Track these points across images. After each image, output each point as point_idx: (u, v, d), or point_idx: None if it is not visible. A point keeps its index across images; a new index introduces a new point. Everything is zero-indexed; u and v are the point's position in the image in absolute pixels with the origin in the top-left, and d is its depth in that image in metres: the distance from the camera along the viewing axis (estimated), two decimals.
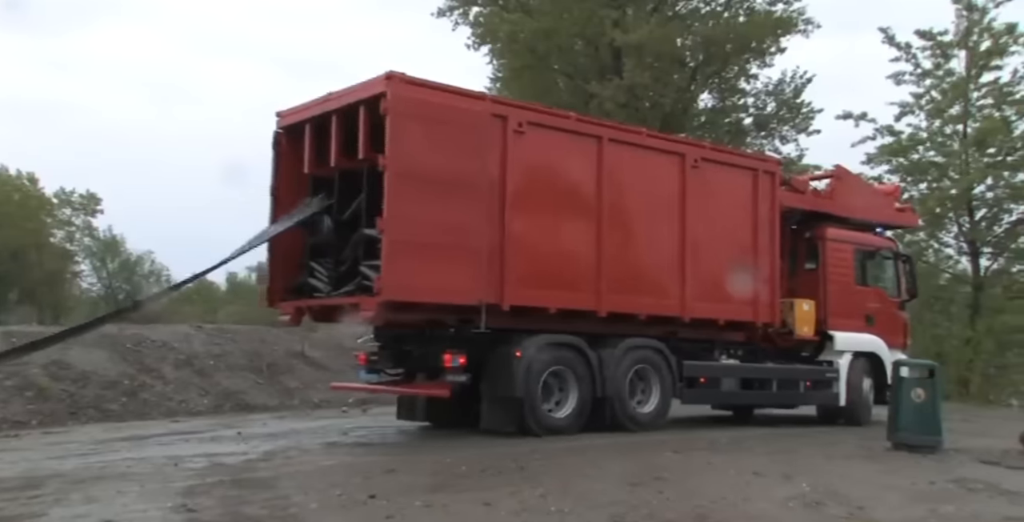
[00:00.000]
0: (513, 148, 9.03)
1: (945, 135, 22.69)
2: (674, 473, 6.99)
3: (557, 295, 9.34)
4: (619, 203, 9.89)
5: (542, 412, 9.22)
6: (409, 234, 8.25)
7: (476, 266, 8.64)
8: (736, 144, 26.61)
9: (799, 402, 12.22)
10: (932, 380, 9.13)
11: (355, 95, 8.78)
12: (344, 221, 9.15)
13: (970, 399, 19.78)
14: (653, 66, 26.19)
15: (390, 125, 8.22)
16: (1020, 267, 22.56)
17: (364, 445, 8.91)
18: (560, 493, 5.99)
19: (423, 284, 8.31)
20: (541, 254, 9.23)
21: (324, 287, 9.25)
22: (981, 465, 8.07)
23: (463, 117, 8.76)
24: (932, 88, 22.57)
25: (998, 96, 21.80)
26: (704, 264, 10.60)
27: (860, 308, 12.51)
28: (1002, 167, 21.63)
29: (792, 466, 7.55)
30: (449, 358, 8.84)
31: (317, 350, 17.14)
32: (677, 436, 9.58)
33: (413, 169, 8.32)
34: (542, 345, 9.23)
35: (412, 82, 8.56)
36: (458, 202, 8.61)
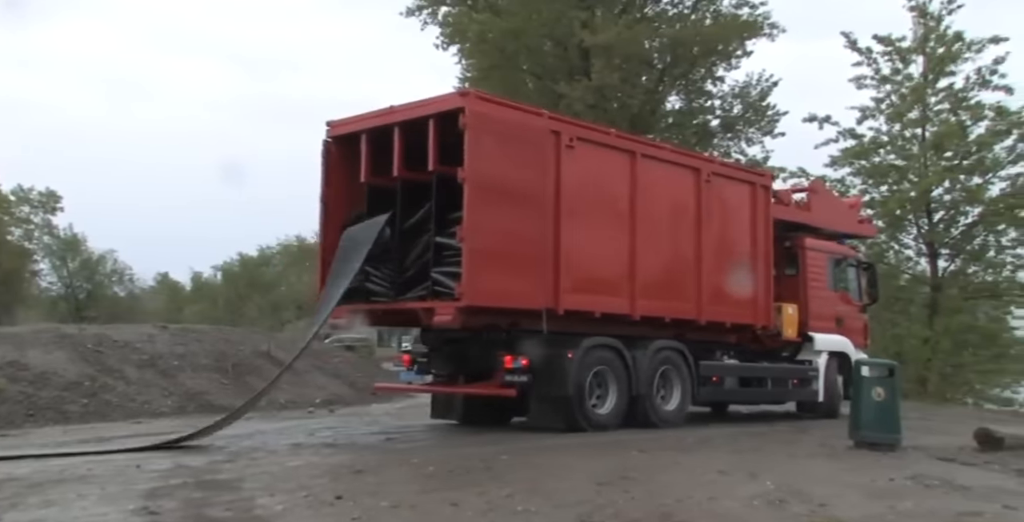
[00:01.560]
0: (565, 162, 9.64)
1: (905, 139, 23.16)
2: (641, 472, 7.03)
3: (601, 300, 10.03)
4: (649, 214, 10.58)
5: (589, 409, 9.81)
6: (486, 243, 8.82)
7: (540, 273, 9.33)
8: (703, 146, 26.88)
9: (787, 398, 13.24)
10: (892, 379, 9.29)
11: (424, 110, 9.31)
12: (406, 229, 9.60)
13: (928, 397, 20.18)
14: (621, 67, 26.32)
15: (469, 139, 8.73)
16: (976, 268, 23.01)
17: (331, 446, 8.84)
18: (527, 493, 5.99)
19: (498, 290, 8.93)
20: (588, 262, 9.87)
21: (385, 292, 9.65)
22: (938, 462, 8.23)
23: (527, 132, 9.38)
24: (892, 93, 23.08)
25: (954, 101, 22.32)
26: (715, 271, 11.40)
27: (832, 311, 13.59)
28: (958, 171, 22.08)
29: (757, 465, 7.63)
30: (510, 359, 9.38)
31: (283, 350, 16.96)
32: (644, 436, 9.64)
33: (488, 181, 8.87)
34: (589, 347, 9.81)
35: (485, 98, 9.39)
36: (524, 213, 9.25)
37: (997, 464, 8.03)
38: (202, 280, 69.49)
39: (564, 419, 9.62)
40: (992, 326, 22.90)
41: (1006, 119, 21.61)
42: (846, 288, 14.03)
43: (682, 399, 10.96)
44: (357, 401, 15.24)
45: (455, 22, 27.47)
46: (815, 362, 13.03)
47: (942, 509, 5.84)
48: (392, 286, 9.63)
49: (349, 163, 9.93)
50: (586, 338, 9.84)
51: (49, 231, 52.36)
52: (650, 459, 7.97)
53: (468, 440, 9.63)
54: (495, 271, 8.92)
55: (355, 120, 10.03)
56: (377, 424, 11.36)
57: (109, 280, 57.63)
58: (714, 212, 11.40)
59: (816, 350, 13.09)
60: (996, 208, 21.65)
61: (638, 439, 9.22)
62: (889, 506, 5.90)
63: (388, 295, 9.63)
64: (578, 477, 6.79)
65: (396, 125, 9.48)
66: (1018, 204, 21.45)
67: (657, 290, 10.63)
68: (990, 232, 22.28)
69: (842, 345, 13.47)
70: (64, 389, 11.94)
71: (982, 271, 22.94)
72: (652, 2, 28.27)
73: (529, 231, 9.26)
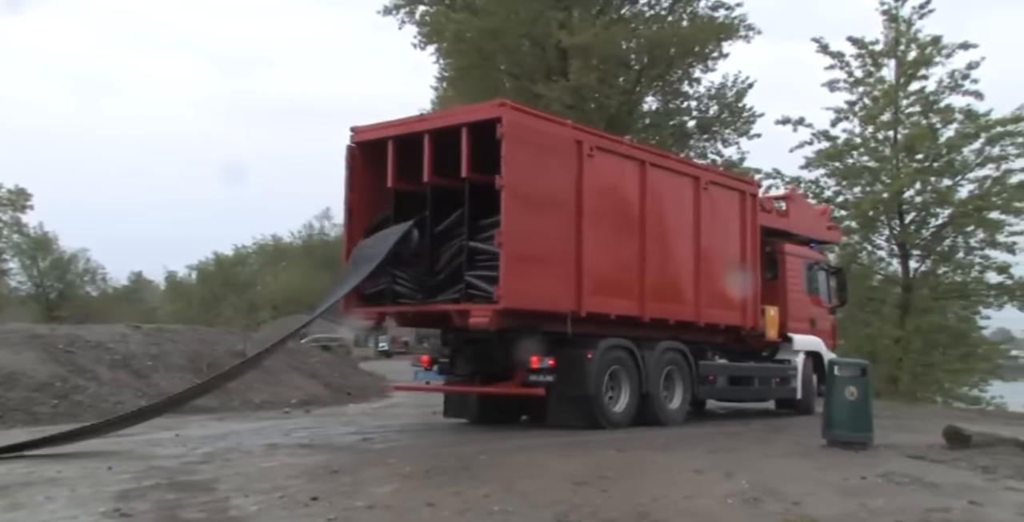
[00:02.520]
0: (586, 170, 10.03)
1: (877, 141, 23.46)
2: (618, 472, 7.05)
3: (617, 303, 10.44)
4: (656, 220, 11.06)
5: (607, 408, 10.22)
6: (522, 248, 9.24)
7: (566, 276, 9.77)
8: (679, 147, 27.01)
9: (770, 396, 13.83)
10: (864, 378, 9.37)
11: (456, 118, 9.88)
12: (436, 233, 9.90)
13: (899, 396, 20.44)
14: (599, 68, 26.37)
15: (506, 148, 9.12)
16: (945, 269, 23.33)
17: (307, 446, 8.77)
18: (504, 492, 5.99)
19: (532, 293, 9.35)
20: (605, 266, 10.30)
21: (414, 294, 9.96)
22: (908, 460, 8.32)
23: (555, 141, 9.85)
24: (865, 95, 23.35)
25: (925, 104, 22.65)
26: (712, 275, 11.91)
27: (807, 313, 14.32)
28: (929, 173, 22.44)
29: (732, 464, 7.67)
30: (537, 360, 9.72)
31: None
32: (621, 435, 9.67)
33: (523, 189, 9.30)
34: (606, 348, 10.22)
35: (519, 109, 9.76)
36: (553, 219, 9.71)
37: (965, 461, 8.14)
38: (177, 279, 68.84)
39: (584, 417, 9.98)
40: (961, 326, 23.22)
41: (975, 123, 22.01)
42: (817, 291, 14.74)
43: (684, 397, 11.41)
44: (333, 401, 15.16)
45: (432, 21, 27.39)
46: (793, 361, 13.65)
47: (912, 506, 5.91)
48: (422, 288, 9.94)
49: (373, 168, 10.24)
50: (603, 339, 10.23)
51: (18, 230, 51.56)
52: (627, 458, 8.00)
53: (446, 440, 9.61)
54: (529, 275, 9.36)
55: (381, 127, 10.44)
56: (354, 424, 11.30)
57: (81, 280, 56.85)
58: (711, 219, 11.90)
59: (794, 350, 13.72)
60: (965, 210, 21.97)
61: (615, 439, 9.25)
62: (861, 503, 5.96)
63: (417, 297, 9.97)
64: (555, 477, 6.79)
65: (427, 132, 9.83)
66: (986, 206, 21.77)
67: (664, 293, 11.09)
68: (959, 233, 22.60)
69: (816, 345, 14.16)
70: (34, 390, 11.74)
71: (951, 272, 23.27)
72: (629, 3, 28.37)
73: (557, 236, 9.73)
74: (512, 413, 11.01)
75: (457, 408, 11.28)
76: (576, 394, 9.94)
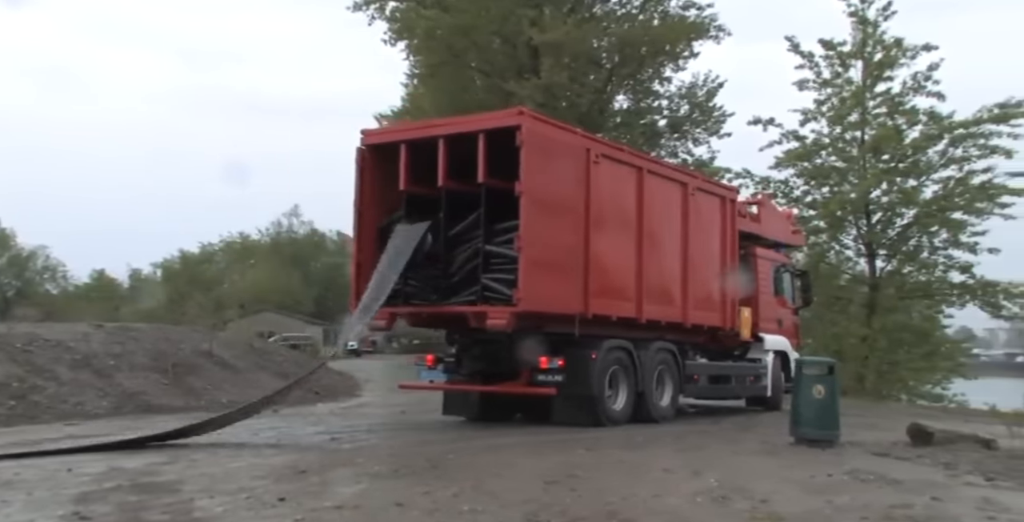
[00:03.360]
0: (592, 176, 10.43)
1: (845, 141, 23.82)
2: (587, 471, 7.07)
3: (618, 305, 10.89)
4: (652, 225, 11.51)
5: (609, 406, 10.64)
6: (539, 252, 9.66)
7: (576, 280, 10.20)
8: (650, 146, 27.19)
9: (744, 394, 14.36)
10: (831, 377, 9.47)
11: (473, 125, 10.23)
12: (450, 237, 10.20)
13: (865, 395, 20.73)
14: (570, 66, 26.43)
15: (525, 155, 9.50)
16: (910, 268, 23.73)
17: (274, 446, 8.70)
18: (473, 492, 5.98)
19: (548, 296, 9.78)
20: (609, 269, 10.77)
21: (428, 295, 10.31)
22: (873, 457, 8.44)
23: (567, 149, 10.29)
24: (833, 96, 23.68)
25: (890, 105, 23.11)
26: (698, 277, 12.42)
27: (775, 314, 14.93)
28: (895, 173, 22.87)
29: (701, 462, 7.74)
30: (546, 360, 10.15)
31: (226, 349, 16.65)
32: (591, 434, 9.70)
33: (540, 195, 9.70)
34: (608, 348, 10.64)
35: (536, 117, 10.26)
36: (565, 224, 10.14)
37: (928, 458, 8.30)
38: (141, 277, 67.86)
39: (588, 416, 10.35)
40: (925, 325, 23.68)
41: (938, 124, 22.48)
42: (783, 293, 15.35)
43: (673, 396, 11.87)
44: (302, 401, 15.00)
45: (403, 18, 27.29)
46: (764, 360, 14.24)
47: (876, 502, 6.00)
48: (436, 290, 10.26)
49: (383, 171, 10.50)
50: (605, 340, 10.64)
51: None
52: (596, 457, 8.02)
53: (415, 439, 9.58)
54: (545, 278, 9.78)
55: (393, 130, 11.03)
56: (322, 424, 11.22)
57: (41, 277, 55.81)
58: (697, 223, 12.41)
59: (765, 349, 14.29)
60: (929, 210, 22.39)
61: (585, 438, 9.28)
62: (827, 500, 6.04)
63: (431, 299, 10.30)
64: (525, 476, 6.80)
65: (442, 137, 10.12)
66: (949, 206, 22.20)
67: (657, 295, 11.54)
68: (924, 233, 23.03)
69: (784, 345, 14.88)
70: None
71: (916, 271, 23.68)
72: (601, 1, 28.48)
73: (569, 241, 10.17)
74: (513, 411, 11.32)
75: (458, 406, 11.50)
76: (581, 393, 10.30)
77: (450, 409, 11.59)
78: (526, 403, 10.94)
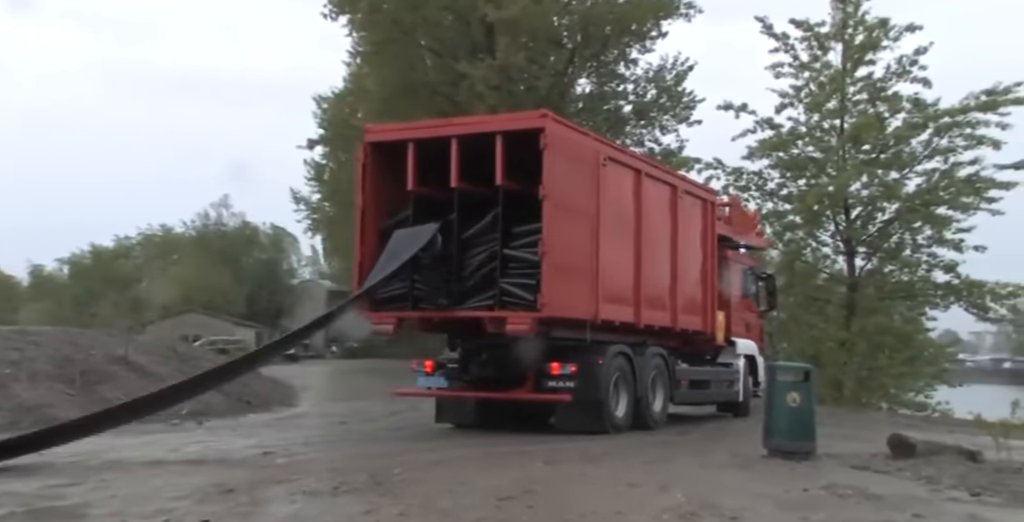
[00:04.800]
0: (601, 180, 11.17)
1: (823, 130, 24.02)
2: (545, 486, 7.11)
3: (622, 310, 11.63)
4: (649, 228, 12.26)
5: (613, 412, 11.31)
6: (561, 257, 10.33)
7: (590, 284, 10.92)
8: (615, 133, 27.38)
9: (720, 399, 15.15)
10: (807, 384, 9.57)
11: (491, 126, 11.09)
12: (462, 239, 10.73)
13: (843, 403, 21.02)
14: (528, 46, 26.48)
15: (548, 159, 10.15)
16: (892, 267, 24.02)
17: (198, 462, 8.57)
18: (421, 510, 5.97)
19: (568, 301, 10.46)
20: (615, 274, 11.45)
21: (439, 300, 10.80)
22: (851, 470, 8.60)
23: (583, 152, 11.05)
24: (810, 81, 23.88)
25: (872, 91, 23.30)
26: (686, 281, 13.25)
27: (744, 317, 15.90)
28: (876, 165, 23.08)
29: (667, 476, 7.82)
30: (558, 366, 10.77)
31: (144, 355, 16.35)
32: (549, 446, 9.76)
33: (561, 199, 10.34)
34: (613, 354, 11.33)
35: (557, 119, 10.87)
36: (582, 228, 10.85)
37: (909, 471, 8.46)
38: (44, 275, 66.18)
39: (595, 422, 11.04)
40: (907, 328, 23.95)
41: (922, 112, 22.72)
42: (750, 296, 16.36)
43: (664, 401, 12.60)
44: (231, 411, 14.84)
45: None
46: (735, 364, 15.12)
47: (854, 519, 6.14)
48: (448, 294, 10.76)
49: (388, 170, 11.08)
50: (611, 346, 11.33)
51: None
52: (555, 471, 8.07)
53: (357, 453, 9.53)
54: (566, 283, 10.47)
55: (400, 128, 11.63)
56: (253, 437, 11.11)
57: None
58: (685, 227, 13.27)
59: (737, 353, 15.20)
60: (912, 205, 22.60)
61: (543, 450, 9.33)
62: (802, 517, 6.15)
63: (440, 303, 10.82)
64: (477, 492, 6.81)
65: (455, 138, 10.68)
66: (933, 201, 22.47)
67: (653, 300, 12.33)
68: (906, 230, 23.23)
69: (753, 349, 15.89)
70: None
71: (898, 270, 23.93)
72: None
73: (583, 245, 10.89)
74: (510, 418, 11.77)
75: (453, 414, 11.95)
76: (590, 399, 10.90)
77: (444, 417, 12.03)
78: (523, 410, 11.64)
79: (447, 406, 12.01)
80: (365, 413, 12.73)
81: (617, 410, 11.41)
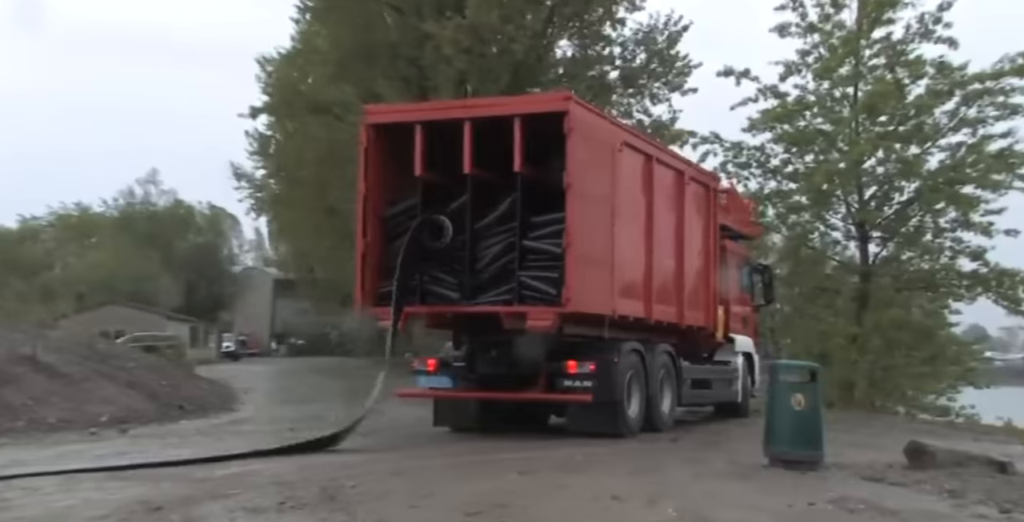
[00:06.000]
0: (617, 166, 11.78)
1: (834, 99, 23.86)
2: (520, 499, 7.13)
3: (635, 305, 12.24)
4: (659, 218, 12.85)
5: (628, 414, 11.83)
6: (585, 248, 10.86)
7: (609, 278, 11.52)
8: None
9: (720, 399, 15.67)
10: (814, 385, 9.64)
11: (510, 108, 11.77)
12: (475, 229, 11.23)
13: (855, 406, 21.21)
14: (502, 3, 26.34)
15: (572, 145, 10.66)
16: (911, 254, 23.94)
17: (120, 477, 8.50)
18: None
19: (592, 296, 11.04)
20: (630, 267, 12.12)
21: (448, 295, 11.32)
22: (863, 482, 8.68)
23: (603, 136, 11.65)
24: (820, 44, 23.70)
25: (891, 55, 23.09)
26: (692, 274, 13.87)
27: (741, 312, 16.48)
28: (894, 138, 22.87)
29: (657, 487, 7.88)
30: (574, 365, 11.29)
31: (56, 353, 16.19)
32: (524, 453, 9.80)
33: (584, 187, 10.88)
34: (627, 351, 11.89)
35: (580, 102, 11.45)
36: (602, 218, 11.41)
37: (929, 484, 8.51)
38: None
39: (611, 424, 11.57)
40: (927, 322, 23.94)
41: (948, 78, 22.45)
42: (745, 289, 16.95)
43: (671, 402, 13.17)
44: (160, 418, 14.79)
45: None
46: (734, 362, 15.75)
47: None
48: (459, 288, 11.27)
49: (392, 153, 11.59)
50: (624, 343, 11.91)
51: None
52: (531, 482, 8.10)
53: (307, 463, 9.48)
54: (589, 277, 11.03)
55: (406, 109, 12.40)
56: (186, 447, 11.06)
57: None
58: (692, 215, 13.89)
59: (735, 351, 15.79)
60: (934, 183, 22.49)
61: (517, 458, 9.38)
62: None
63: (451, 298, 11.31)
64: (442, 506, 6.83)
65: (468, 120, 11.17)
66: (959, 179, 22.32)
67: (663, 294, 12.95)
68: (927, 212, 23.15)
69: (750, 346, 16.59)
70: None
71: (918, 257, 23.84)
72: None
73: (604, 236, 11.44)
74: (514, 419, 12.43)
75: (453, 416, 12.45)
76: (607, 399, 11.41)
77: (443, 419, 12.53)
78: (525, 411, 12.44)
79: (447, 407, 12.46)
80: (318, 418, 12.70)
81: (630, 411, 11.90)
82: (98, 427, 13.24)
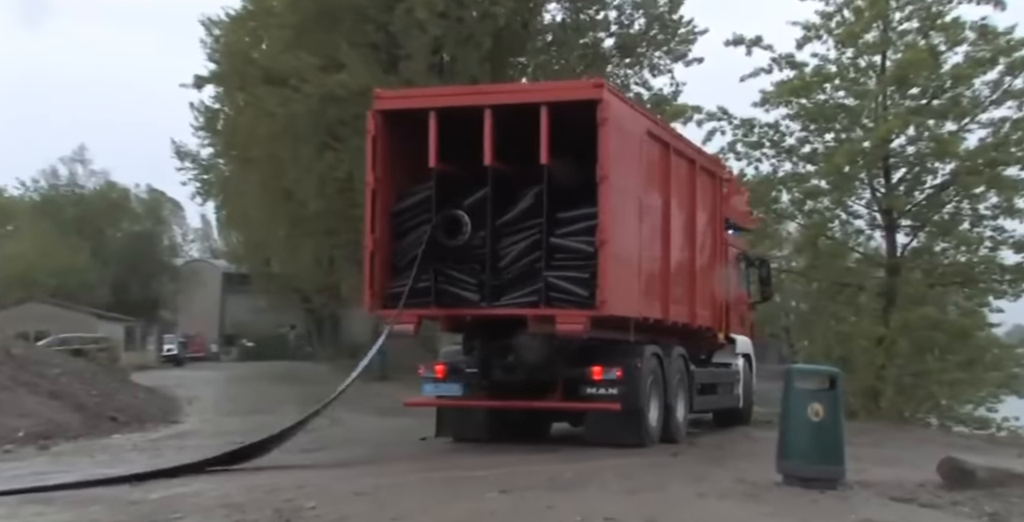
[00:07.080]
0: (642, 157, 12.33)
1: (859, 70, 23.75)
2: (502, 520, 7.12)
3: (656, 306, 12.86)
4: (676, 212, 13.39)
5: (649, 422, 12.29)
6: (619, 247, 11.44)
7: (636, 278, 12.10)
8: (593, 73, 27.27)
9: (724, 405, 16.17)
10: (833, 392, 9.64)
11: (535, 95, 12.52)
12: (496, 225, 11.65)
13: (880, 416, 21.21)
14: None
15: (605, 135, 11.14)
16: (945, 245, 23.85)
17: (39, 501, 8.43)
18: None
19: (625, 297, 11.60)
20: (651, 265, 12.69)
21: (467, 297, 11.76)
22: (891, 503, 8.73)
23: (632, 126, 12.16)
24: (844, 6, 23.63)
25: (924, 17, 22.87)
26: (703, 272, 14.45)
27: (740, 310, 17.15)
28: (927, 114, 22.73)
29: (655, 508, 7.92)
30: (600, 371, 11.73)
31: None
32: (508, 468, 9.84)
33: (618, 181, 11.33)
34: (649, 355, 12.40)
35: (612, 90, 11.97)
36: (632, 214, 11.93)
37: (968, 506, 8.58)
38: None
39: (632, 433, 12.09)
40: (964, 322, 23.72)
41: (991, 43, 22.24)
42: (745, 285, 17.65)
43: (686, 408, 13.70)
44: (88, 431, 14.75)
45: None
46: (735, 365, 16.38)
47: None
48: (478, 289, 11.70)
49: (402, 141, 12.12)
50: (646, 347, 12.43)
51: None
52: (514, 502, 8.14)
53: (256, 483, 9.48)
54: (623, 277, 11.58)
55: (419, 95, 13.04)
56: (119, 465, 11.05)
57: None
58: (703, 209, 14.46)
59: (736, 352, 16.40)
60: (973, 165, 22.32)
61: (499, 474, 9.42)
62: None
63: (471, 300, 11.75)
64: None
65: (489, 107, 11.63)
66: (1002, 159, 22.15)
67: (678, 294, 13.55)
68: (964, 197, 23.07)
69: (750, 347, 17.37)
70: None
71: (953, 249, 23.74)
72: None
73: (633, 233, 12.01)
74: (525, 430, 12.98)
75: (459, 426, 12.89)
76: (631, 408, 11.87)
77: (447, 429, 12.97)
78: (534, 420, 13.08)
79: (452, 417, 12.89)
80: (271, 430, 12.62)
81: (650, 419, 12.35)
82: (14, 443, 13.19)
